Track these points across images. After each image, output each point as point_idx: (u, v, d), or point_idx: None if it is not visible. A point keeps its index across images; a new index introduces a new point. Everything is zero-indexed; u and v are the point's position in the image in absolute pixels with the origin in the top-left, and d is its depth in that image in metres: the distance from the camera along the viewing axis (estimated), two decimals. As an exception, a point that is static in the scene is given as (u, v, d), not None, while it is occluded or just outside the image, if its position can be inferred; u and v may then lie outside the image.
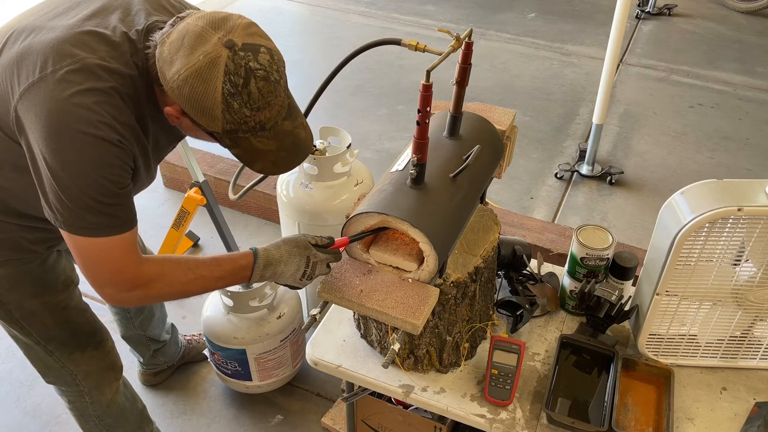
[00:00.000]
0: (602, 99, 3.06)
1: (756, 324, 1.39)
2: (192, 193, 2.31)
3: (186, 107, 1.09)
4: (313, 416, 2.16)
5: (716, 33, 5.04)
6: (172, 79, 1.07)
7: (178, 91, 1.07)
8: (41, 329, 1.49)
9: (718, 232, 1.24)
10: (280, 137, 1.15)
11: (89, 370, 1.61)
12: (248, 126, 1.10)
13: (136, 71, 1.15)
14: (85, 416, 1.71)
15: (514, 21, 5.20)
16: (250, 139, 1.12)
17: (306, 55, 4.64)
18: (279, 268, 1.28)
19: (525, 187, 3.31)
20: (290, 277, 1.31)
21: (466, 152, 1.33)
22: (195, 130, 1.17)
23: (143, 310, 2.00)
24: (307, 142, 1.21)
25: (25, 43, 1.15)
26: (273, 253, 1.28)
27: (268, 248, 1.29)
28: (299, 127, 1.19)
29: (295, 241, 1.31)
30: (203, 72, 1.04)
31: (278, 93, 1.10)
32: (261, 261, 1.26)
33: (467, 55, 1.26)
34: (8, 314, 1.44)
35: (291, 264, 1.29)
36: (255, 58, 1.06)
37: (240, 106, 1.06)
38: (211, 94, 1.05)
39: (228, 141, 1.13)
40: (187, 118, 1.13)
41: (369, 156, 3.48)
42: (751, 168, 3.47)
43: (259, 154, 1.15)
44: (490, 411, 1.36)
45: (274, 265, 1.28)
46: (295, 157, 1.20)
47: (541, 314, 1.59)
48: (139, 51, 1.16)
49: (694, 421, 1.35)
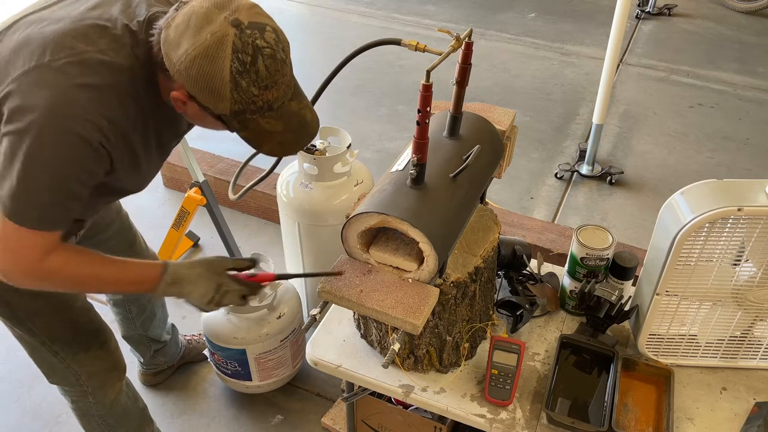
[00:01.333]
0: (602, 99, 3.05)
1: (756, 324, 1.39)
2: (192, 193, 2.31)
3: (193, 89, 1.09)
4: (313, 416, 2.16)
5: (716, 33, 5.04)
6: (179, 61, 1.07)
7: (186, 73, 1.07)
8: (46, 329, 1.49)
9: (718, 232, 1.24)
10: (287, 118, 1.15)
11: (93, 370, 1.61)
12: (256, 106, 1.10)
13: (137, 63, 1.15)
14: (87, 416, 1.71)
15: (514, 21, 5.19)
16: (258, 120, 1.12)
17: (306, 55, 4.64)
18: (186, 288, 1.29)
19: (525, 187, 3.31)
20: (196, 299, 1.31)
21: (466, 152, 1.33)
22: (202, 116, 1.16)
23: (145, 310, 2.00)
24: (313, 124, 1.21)
25: (25, 33, 1.15)
26: (183, 273, 1.28)
27: (180, 265, 1.29)
28: (305, 108, 1.19)
29: (210, 264, 1.32)
30: (211, 51, 1.04)
31: (285, 72, 1.11)
32: (168, 277, 1.27)
33: (467, 55, 1.26)
34: (14, 315, 1.45)
35: (199, 287, 1.29)
36: (262, 36, 1.06)
37: (248, 84, 1.06)
38: (219, 73, 1.05)
39: (236, 123, 1.13)
40: (194, 103, 1.13)
41: (369, 156, 3.48)
42: (751, 168, 3.47)
43: (267, 136, 1.15)
44: (490, 411, 1.36)
45: (181, 284, 1.28)
46: (302, 138, 1.21)
47: (541, 314, 1.59)
48: (141, 42, 1.16)
49: (694, 421, 1.35)
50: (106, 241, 1.68)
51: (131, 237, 1.79)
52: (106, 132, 1.11)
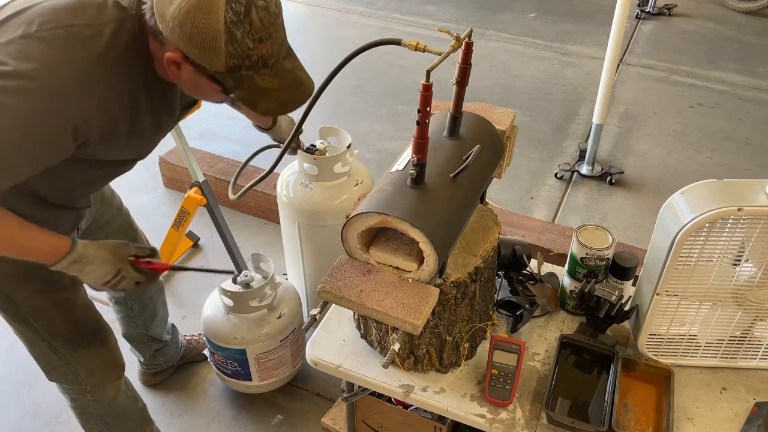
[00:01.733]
0: (602, 99, 3.06)
1: (756, 324, 1.39)
2: (192, 193, 2.31)
3: (187, 47, 1.09)
4: (313, 416, 2.16)
5: (716, 33, 5.04)
6: (172, 17, 1.07)
7: (179, 30, 1.07)
8: (47, 326, 1.49)
9: (718, 232, 1.24)
10: (282, 75, 1.16)
11: (92, 367, 1.61)
12: (251, 61, 1.11)
13: (128, 36, 1.15)
14: (86, 414, 1.72)
15: (514, 21, 5.20)
16: (254, 77, 1.13)
17: (306, 55, 4.63)
18: (87, 268, 1.32)
19: (525, 187, 3.31)
20: (94, 280, 1.35)
21: (466, 152, 1.32)
22: (196, 80, 1.16)
23: (146, 308, 2.00)
24: (308, 83, 1.23)
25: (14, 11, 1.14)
26: (89, 253, 1.31)
27: (87, 245, 1.32)
28: (299, 68, 1.21)
29: (115, 250, 1.37)
30: (204, 3, 1.05)
31: (278, 26, 1.12)
32: (73, 255, 1.29)
33: (467, 55, 1.26)
34: (15, 310, 1.45)
35: (101, 269, 1.33)
36: None
37: (243, 36, 1.07)
38: (213, 25, 1.06)
39: (231, 81, 1.13)
40: (188, 65, 1.13)
41: (369, 156, 3.48)
42: (751, 168, 3.47)
43: (263, 94, 1.16)
44: (490, 411, 1.36)
45: (83, 262, 1.30)
46: (298, 96, 1.21)
47: (541, 314, 1.59)
48: (131, 17, 1.16)
49: (694, 421, 1.35)
50: (106, 237, 1.68)
51: (132, 234, 1.80)
52: (85, 110, 1.11)
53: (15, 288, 1.41)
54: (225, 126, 3.75)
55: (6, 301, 1.43)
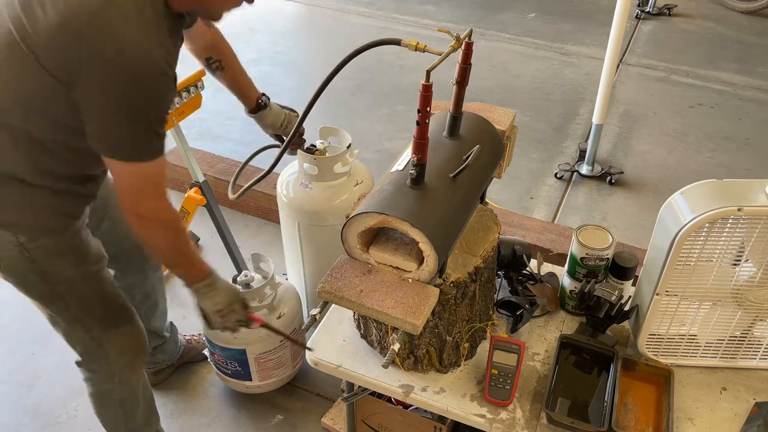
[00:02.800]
0: (602, 99, 3.06)
1: (756, 324, 1.39)
2: (192, 193, 2.31)
3: None
4: (313, 416, 2.16)
5: (716, 33, 5.04)
6: None
7: None
8: (80, 301, 1.53)
9: (718, 232, 1.24)
10: None
11: (124, 347, 1.66)
12: None
13: None
14: (108, 401, 1.74)
15: (514, 21, 5.20)
16: None
17: (306, 55, 4.64)
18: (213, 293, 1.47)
19: (525, 187, 3.31)
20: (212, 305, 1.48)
21: (466, 152, 1.33)
22: None
23: (149, 298, 2.01)
24: None
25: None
26: (220, 283, 1.48)
27: (219, 277, 1.49)
28: None
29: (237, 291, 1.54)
30: None
31: None
32: (212, 278, 1.46)
33: (467, 55, 1.26)
34: (52, 289, 1.49)
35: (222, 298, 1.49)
36: None
37: None
38: None
39: None
40: None
41: (369, 156, 3.48)
42: (751, 168, 3.47)
43: None
44: (490, 411, 1.36)
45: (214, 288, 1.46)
46: None
47: (541, 314, 1.59)
48: None
49: (694, 421, 1.35)
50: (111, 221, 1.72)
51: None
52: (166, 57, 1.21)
53: (51, 262, 1.45)
54: (225, 126, 3.75)
55: (42, 279, 1.46)
